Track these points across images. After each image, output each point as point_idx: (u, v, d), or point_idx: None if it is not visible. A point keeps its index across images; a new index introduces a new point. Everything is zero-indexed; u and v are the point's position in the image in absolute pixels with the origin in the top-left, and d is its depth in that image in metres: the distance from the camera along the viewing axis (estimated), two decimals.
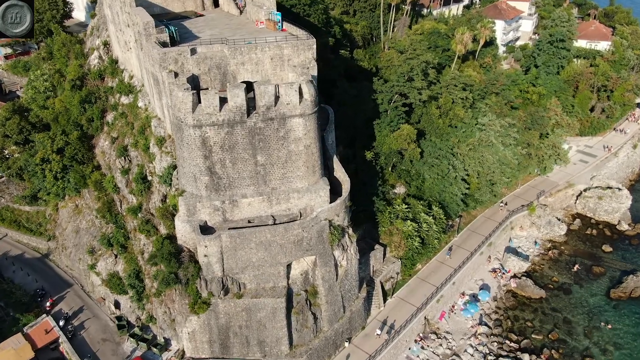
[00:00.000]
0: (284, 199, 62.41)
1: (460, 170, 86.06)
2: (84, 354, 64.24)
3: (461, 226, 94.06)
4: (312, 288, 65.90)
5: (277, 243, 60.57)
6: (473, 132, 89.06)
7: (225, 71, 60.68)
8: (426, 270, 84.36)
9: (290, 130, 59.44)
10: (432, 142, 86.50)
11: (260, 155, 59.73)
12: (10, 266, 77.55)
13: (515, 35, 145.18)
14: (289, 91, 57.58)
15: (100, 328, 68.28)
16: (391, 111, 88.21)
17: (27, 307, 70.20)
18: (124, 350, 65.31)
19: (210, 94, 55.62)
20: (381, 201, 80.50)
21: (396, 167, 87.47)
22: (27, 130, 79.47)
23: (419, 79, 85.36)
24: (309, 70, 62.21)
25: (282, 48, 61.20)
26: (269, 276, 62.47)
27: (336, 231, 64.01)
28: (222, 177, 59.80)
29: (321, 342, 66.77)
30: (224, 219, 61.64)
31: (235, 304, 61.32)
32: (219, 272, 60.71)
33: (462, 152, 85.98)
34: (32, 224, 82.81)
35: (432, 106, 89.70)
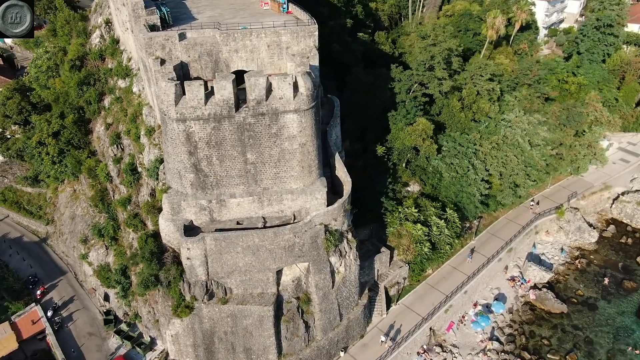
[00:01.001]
0: (276, 200, 57.66)
1: (481, 171, 78.80)
2: (69, 348, 62.49)
3: (480, 228, 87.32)
4: (305, 295, 61.48)
5: (265, 248, 56.16)
6: (498, 129, 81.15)
7: (217, 59, 55.57)
8: (437, 275, 78.56)
9: (283, 127, 54.17)
10: (451, 138, 79.34)
11: (251, 153, 54.88)
12: (7, 249, 76.68)
13: (559, 17, 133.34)
14: (282, 84, 52.07)
15: (89, 321, 66.39)
16: (409, 102, 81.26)
17: (18, 295, 69.06)
18: (108, 346, 63.24)
19: (194, 86, 50.76)
20: (390, 201, 74.63)
21: (411, 163, 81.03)
22: (27, 111, 77.22)
23: (441, 68, 77.77)
24: (309, 59, 56.36)
25: (279, 35, 55.48)
26: (257, 282, 58.38)
27: (332, 237, 58.99)
28: (208, 175, 55.43)
29: (313, 352, 62.75)
30: (211, 219, 57.56)
31: (220, 309, 57.67)
32: (203, 276, 56.99)
33: (484, 150, 78.51)
34: (32, 206, 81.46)
35: (454, 98, 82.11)
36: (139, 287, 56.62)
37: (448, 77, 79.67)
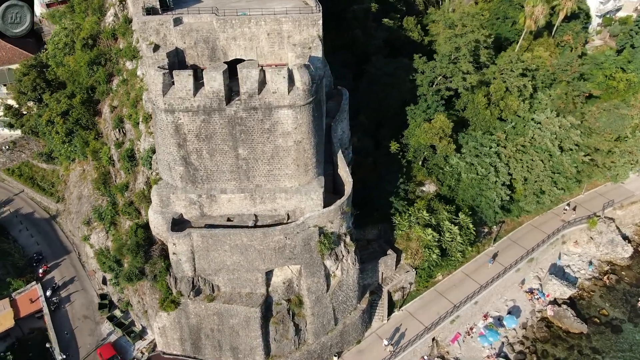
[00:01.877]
0: (269, 199, 54.89)
1: (504, 174, 72.94)
2: (63, 329, 62.93)
3: (501, 234, 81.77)
4: (297, 298, 58.97)
5: (254, 248, 53.71)
6: (526, 130, 74.60)
7: (215, 46, 52.64)
8: (447, 282, 74.16)
9: (277, 123, 50.90)
10: (472, 137, 73.59)
11: (242, 149, 52.05)
12: (18, 225, 77.98)
13: (616, 4, 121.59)
14: (276, 77, 48.62)
15: (86, 303, 66.62)
16: (430, 96, 75.87)
17: (22, 272, 70.04)
18: (101, 331, 63.25)
19: (183, 75, 48.09)
20: (401, 201, 70.37)
21: (428, 162, 76.06)
22: (42, 88, 77.13)
23: (466, 60, 71.73)
24: (311, 50, 52.50)
25: (280, 22, 51.82)
26: (246, 282, 56.24)
27: (327, 240, 55.81)
28: (198, 168, 53.14)
29: (303, 355, 60.47)
30: (202, 213, 55.54)
31: (206, 307, 56.06)
32: (190, 272, 55.33)
33: (507, 153, 72.43)
34: (45, 182, 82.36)
35: (480, 93, 75.91)
36: (122, 279, 55.69)
37: (474, 71, 73.56)
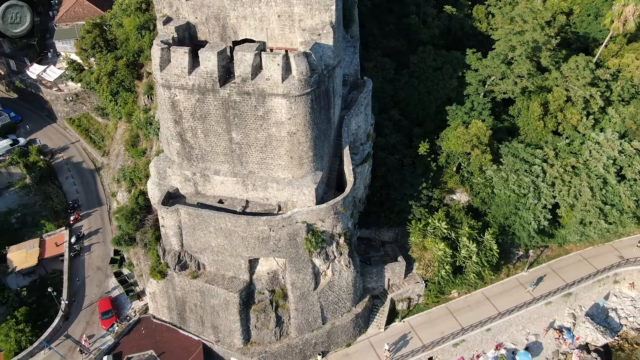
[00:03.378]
0: (261, 187, 53.42)
1: (546, 196, 64.41)
2: (76, 276, 67.61)
3: (540, 259, 73.35)
4: (281, 290, 57.63)
5: (238, 234, 52.90)
6: (583, 149, 64.67)
7: (225, 24, 51.19)
8: (462, 301, 68.35)
9: (270, 111, 48.76)
10: (513, 149, 65.43)
11: (236, 133, 50.78)
12: (66, 172, 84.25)
13: None
14: (270, 64, 46.24)
15: (102, 255, 70.70)
16: (476, 97, 68.64)
17: (57, 216, 75.87)
18: (107, 284, 66.96)
19: (179, 52, 47.45)
20: (421, 207, 65.28)
21: (462, 169, 69.46)
22: (100, 47, 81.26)
23: (522, 62, 63.36)
24: (321, 37, 49.12)
25: (291, 4, 48.87)
26: (229, 265, 55.91)
27: (315, 238, 53.38)
28: (194, 147, 52.92)
29: (283, 348, 59.41)
30: (196, 191, 55.65)
31: (189, 282, 56.78)
32: (177, 246, 56.10)
33: (553, 173, 63.52)
34: (97, 135, 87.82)
35: (537, 101, 67.00)
36: (112, 241, 57.95)
37: (531, 74, 64.93)
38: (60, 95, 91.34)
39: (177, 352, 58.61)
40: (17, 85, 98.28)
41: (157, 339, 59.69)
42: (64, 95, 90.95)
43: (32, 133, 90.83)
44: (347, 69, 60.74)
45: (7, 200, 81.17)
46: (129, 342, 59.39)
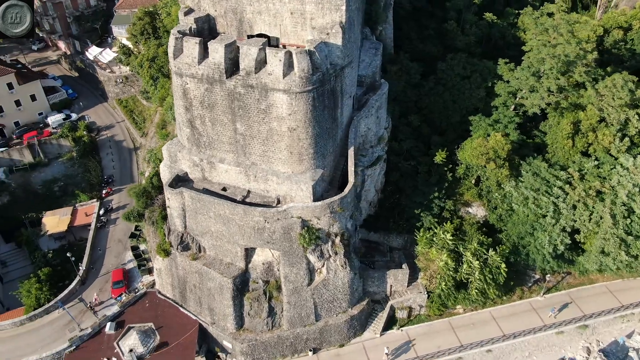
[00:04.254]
0: (262, 178, 54.74)
1: (567, 219, 60.82)
2: (98, 246, 72.36)
3: (560, 286, 69.50)
4: (276, 282, 58.69)
5: (235, 222, 54.56)
6: (612, 174, 60.23)
7: (242, 18, 52.89)
8: (466, 318, 66.26)
9: (272, 106, 49.89)
10: (534, 166, 62.19)
11: (240, 124, 52.38)
12: (107, 148, 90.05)
13: None
14: (272, 59, 47.38)
15: (125, 229, 74.98)
16: (503, 109, 66.07)
17: (92, 188, 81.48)
18: (124, 257, 71.07)
19: (190, 43, 49.65)
20: (430, 217, 63.94)
21: (482, 182, 67.13)
22: (148, 34, 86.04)
23: (552, 77, 60.17)
24: (330, 36, 49.58)
25: (304, 2, 49.70)
26: (227, 251, 57.74)
27: (309, 235, 53.97)
28: (202, 134, 55.13)
29: (274, 338, 60.55)
30: (203, 177, 57.94)
31: (189, 263, 59.22)
32: (180, 227, 58.68)
33: (575, 196, 59.72)
34: (140, 117, 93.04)
35: (568, 118, 63.30)
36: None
37: (561, 90, 61.54)
38: (112, 76, 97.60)
39: (174, 328, 61.35)
40: (78, 64, 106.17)
41: (158, 314, 62.77)
42: (115, 77, 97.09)
43: (85, 110, 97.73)
44: (364, 70, 60.59)
45: (54, 169, 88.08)
46: (133, 312, 62.88)
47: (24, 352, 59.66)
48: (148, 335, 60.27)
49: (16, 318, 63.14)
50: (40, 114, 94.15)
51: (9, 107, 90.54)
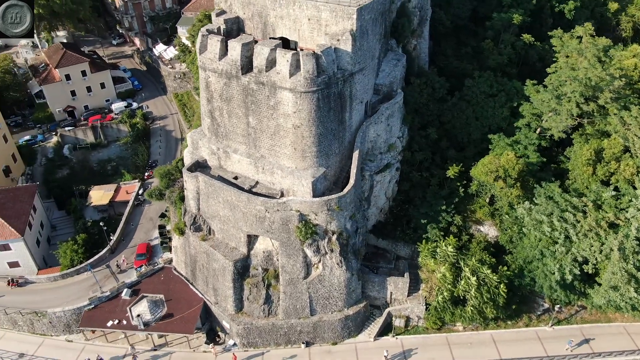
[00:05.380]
0: (269, 171, 58.46)
1: (580, 248, 58.70)
2: (131, 221, 79.37)
3: (572, 320, 66.90)
4: (274, 271, 61.80)
5: (240, 209, 58.55)
6: (632, 205, 57.24)
7: (266, 22, 57.29)
8: (465, 336, 65.57)
9: (279, 103, 53.59)
10: (550, 190, 60.61)
11: (252, 118, 56.55)
12: (158, 136, 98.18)
13: None
14: (281, 59, 51.20)
15: (158, 210, 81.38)
16: (525, 130, 65.32)
17: (137, 170, 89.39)
18: (152, 234, 77.32)
19: (213, 40, 54.66)
20: (436, 229, 64.33)
21: (496, 202, 66.46)
22: None
23: (574, 101, 58.90)
24: (340, 43, 52.66)
25: (319, 10, 53.25)
26: (232, 236, 61.78)
27: (306, 228, 56.76)
28: (220, 125, 59.89)
29: (268, 325, 63.60)
30: (219, 165, 62.60)
31: (199, 244, 63.88)
32: (194, 209, 63.60)
33: (586, 225, 57.49)
34: (190, 111, 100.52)
35: (593, 145, 61.33)
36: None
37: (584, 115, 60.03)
38: (172, 72, 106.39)
39: (181, 302, 66.19)
40: (146, 59, 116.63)
41: (170, 287, 67.97)
42: (175, 73, 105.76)
43: (145, 100, 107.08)
44: (382, 80, 62.67)
45: (110, 151, 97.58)
46: (148, 283, 68.55)
47: (51, 304, 67.02)
48: (157, 306, 65.55)
49: (51, 274, 71.06)
50: (107, 100, 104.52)
51: (81, 92, 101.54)
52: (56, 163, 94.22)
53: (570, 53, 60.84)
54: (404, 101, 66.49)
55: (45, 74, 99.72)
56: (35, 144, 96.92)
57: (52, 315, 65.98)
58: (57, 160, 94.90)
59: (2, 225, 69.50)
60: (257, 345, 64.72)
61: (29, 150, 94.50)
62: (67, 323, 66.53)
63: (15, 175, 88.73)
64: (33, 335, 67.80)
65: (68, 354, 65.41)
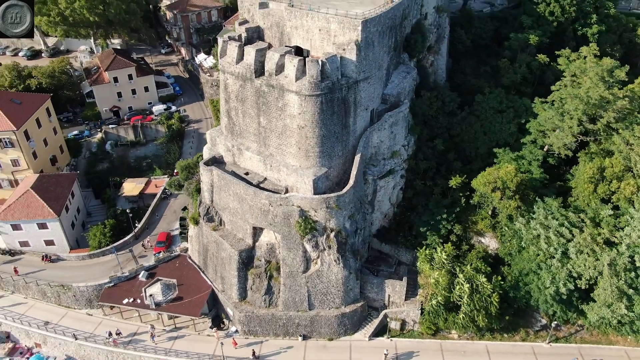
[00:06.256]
0: (275, 168, 62.82)
1: (576, 263, 59.13)
2: (156, 212, 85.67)
3: (571, 339, 66.79)
4: (276, 263, 65.61)
5: (247, 202, 63.07)
6: (630, 225, 57.14)
7: (283, 31, 62.37)
8: (458, 345, 66.75)
9: (287, 105, 58.13)
10: (548, 205, 61.47)
11: (263, 118, 61.31)
12: (190, 138, 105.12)
13: None
14: (288, 64, 55.83)
15: (182, 204, 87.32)
16: (530, 146, 66.71)
17: (167, 167, 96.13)
18: (174, 225, 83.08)
19: (231, 45, 60.13)
20: (435, 236, 66.38)
21: (498, 215, 67.80)
22: None
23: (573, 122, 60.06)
24: (345, 52, 56.88)
25: (329, 21, 57.78)
26: (240, 228, 66.26)
27: (305, 224, 60.49)
28: (235, 123, 65.02)
29: (268, 315, 67.22)
30: (233, 161, 67.60)
31: (210, 233, 68.76)
32: (208, 200, 68.72)
33: (581, 240, 57.88)
34: None
35: (597, 164, 61.94)
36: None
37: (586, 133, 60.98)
38: (210, 80, 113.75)
39: (191, 288, 71.04)
40: (189, 68, 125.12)
41: (183, 274, 73.11)
42: (212, 81, 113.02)
43: (183, 105, 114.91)
44: (391, 90, 66.05)
45: (148, 149, 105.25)
46: (164, 268, 73.99)
47: (77, 280, 73.58)
48: (169, 289, 70.68)
49: (80, 253, 77.97)
50: (149, 103, 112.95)
51: (126, 94, 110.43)
52: (98, 157, 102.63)
53: (574, 72, 62.19)
54: (413, 112, 69.56)
55: (96, 75, 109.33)
56: (81, 138, 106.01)
57: (77, 289, 72.45)
58: (100, 154, 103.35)
59: (42, 206, 77.12)
60: (256, 333, 68.39)
61: (75, 143, 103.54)
62: (88, 298, 72.78)
63: (61, 165, 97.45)
64: (59, 307, 74.43)
65: (87, 326, 71.44)
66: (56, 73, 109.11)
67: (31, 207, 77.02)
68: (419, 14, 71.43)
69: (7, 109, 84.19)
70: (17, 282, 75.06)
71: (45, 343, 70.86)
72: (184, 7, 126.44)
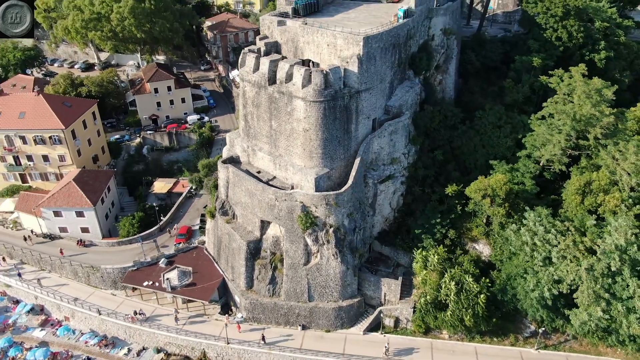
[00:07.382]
0: (284, 167, 69.39)
1: (560, 270, 62.07)
2: (181, 209, 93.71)
3: (560, 347, 69.03)
4: (280, 255, 71.50)
5: (257, 197, 69.73)
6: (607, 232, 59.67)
7: (297, 46, 69.76)
8: (449, 345, 70.17)
9: (294, 110, 64.93)
10: (535, 214, 64.81)
11: (274, 121, 68.32)
12: (219, 145, 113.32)
13: None
14: (296, 73, 62.79)
15: (204, 202, 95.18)
16: (524, 160, 70.67)
17: (195, 170, 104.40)
18: (195, 221, 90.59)
19: (250, 57, 67.89)
20: (430, 239, 70.73)
21: (492, 223, 71.57)
22: None
23: (561, 137, 63.92)
24: (349, 64, 63.49)
25: (336, 37, 64.66)
26: (249, 221, 72.82)
27: (307, 218, 66.34)
28: (251, 126, 72.32)
29: (271, 304, 72.85)
30: (248, 161, 74.71)
31: (224, 226, 75.63)
32: (223, 195, 75.85)
33: (563, 245, 60.82)
34: None
35: (583, 177, 65.28)
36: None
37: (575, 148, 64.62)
38: None
39: (204, 276, 77.77)
40: (223, 83, 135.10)
41: (198, 263, 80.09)
42: None
43: (216, 116, 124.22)
44: (393, 102, 71.87)
45: (180, 154, 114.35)
46: (182, 257, 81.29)
47: (105, 263, 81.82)
48: (185, 275, 77.67)
49: (110, 240, 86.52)
50: (185, 113, 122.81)
51: (165, 104, 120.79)
52: (135, 159, 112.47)
53: (564, 90, 66.27)
54: (415, 124, 75.00)
55: (139, 86, 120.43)
56: (122, 142, 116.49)
57: (104, 270, 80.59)
58: (137, 157, 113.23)
59: (80, 197, 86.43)
60: (260, 321, 74.04)
61: (116, 146, 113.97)
62: (114, 279, 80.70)
63: (102, 164, 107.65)
64: (88, 286, 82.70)
65: (111, 304, 79.14)
66: (104, 83, 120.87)
67: (71, 197, 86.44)
68: (427, 35, 77.51)
69: (58, 110, 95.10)
70: (54, 262, 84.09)
71: (73, 317, 79.00)
72: (223, 28, 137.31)
